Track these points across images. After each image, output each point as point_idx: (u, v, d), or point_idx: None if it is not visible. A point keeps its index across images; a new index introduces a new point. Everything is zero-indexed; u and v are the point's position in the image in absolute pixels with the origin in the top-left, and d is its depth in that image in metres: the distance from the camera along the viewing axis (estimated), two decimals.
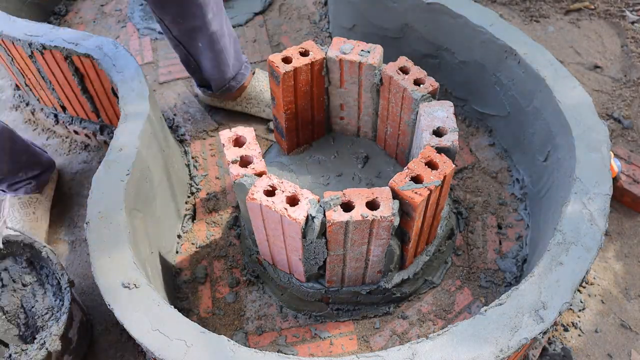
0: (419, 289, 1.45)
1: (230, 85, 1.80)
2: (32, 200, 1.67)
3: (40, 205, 1.69)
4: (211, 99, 1.90)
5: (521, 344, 1.02)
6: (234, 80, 1.80)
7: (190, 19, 1.57)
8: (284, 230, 1.19)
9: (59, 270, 1.32)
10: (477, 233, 1.56)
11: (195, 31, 1.61)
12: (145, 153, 1.38)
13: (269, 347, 1.37)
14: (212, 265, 1.54)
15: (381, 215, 1.12)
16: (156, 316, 1.07)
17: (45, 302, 1.34)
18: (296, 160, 1.63)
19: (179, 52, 1.72)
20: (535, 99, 1.50)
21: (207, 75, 1.77)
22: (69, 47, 1.58)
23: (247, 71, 1.83)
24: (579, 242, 1.14)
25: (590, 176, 1.24)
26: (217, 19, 1.63)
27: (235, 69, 1.78)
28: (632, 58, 2.03)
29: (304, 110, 1.54)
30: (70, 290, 1.28)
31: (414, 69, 1.39)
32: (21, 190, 1.66)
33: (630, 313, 1.44)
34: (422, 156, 1.21)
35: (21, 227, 1.62)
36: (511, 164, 1.71)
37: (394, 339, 1.38)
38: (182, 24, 1.59)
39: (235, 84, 1.81)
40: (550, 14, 2.24)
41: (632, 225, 1.62)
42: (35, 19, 2.23)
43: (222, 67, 1.73)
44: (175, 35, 1.65)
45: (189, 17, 1.57)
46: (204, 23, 1.59)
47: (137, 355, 1.42)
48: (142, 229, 1.32)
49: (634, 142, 1.80)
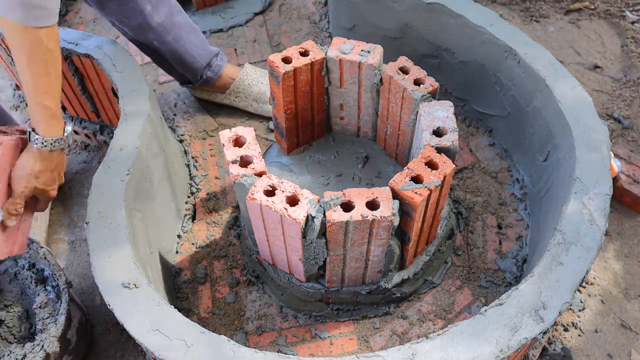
0: (419, 289, 1.45)
1: (207, 76, 1.81)
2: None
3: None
4: (200, 92, 1.92)
5: (521, 344, 1.02)
6: (209, 71, 1.81)
7: (132, 16, 1.59)
8: (284, 230, 1.19)
9: (56, 271, 1.32)
10: (477, 233, 1.56)
11: (142, 28, 1.63)
12: (145, 153, 1.38)
13: (269, 347, 1.37)
14: (212, 265, 1.54)
15: (381, 215, 1.12)
16: (156, 316, 1.07)
17: (44, 303, 1.34)
18: (296, 160, 1.63)
19: (145, 52, 1.74)
20: (535, 99, 1.50)
21: (177, 69, 1.80)
22: (69, 47, 1.58)
23: (222, 62, 1.84)
24: (579, 242, 1.14)
25: (590, 176, 1.24)
26: (159, 10, 1.64)
27: (204, 58, 1.79)
28: (632, 58, 2.03)
29: (304, 110, 1.54)
30: (69, 291, 1.28)
31: (414, 69, 1.39)
32: None
33: (630, 313, 1.44)
34: (422, 156, 1.21)
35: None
36: (511, 164, 1.71)
37: (394, 339, 1.38)
38: (127, 22, 1.61)
39: (212, 74, 1.82)
40: (550, 14, 2.24)
41: (632, 225, 1.62)
42: None
43: (185, 58, 1.74)
44: (131, 36, 1.67)
45: (130, 14, 1.58)
46: (145, 17, 1.61)
47: (137, 355, 1.42)
48: (142, 229, 1.32)
49: (634, 142, 1.80)
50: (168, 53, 1.72)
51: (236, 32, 2.23)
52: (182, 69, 1.78)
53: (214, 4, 2.33)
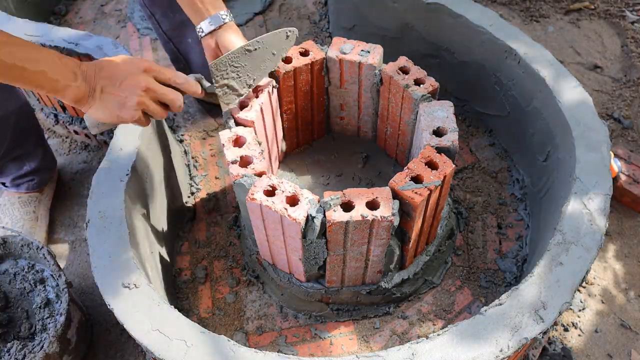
0: (419, 289, 1.45)
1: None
2: (32, 199, 1.68)
3: (41, 204, 1.69)
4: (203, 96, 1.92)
5: (521, 344, 1.02)
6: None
7: (180, 11, 1.60)
8: (284, 230, 1.19)
9: (56, 271, 1.32)
10: (477, 233, 1.56)
11: (184, 25, 1.64)
12: (145, 153, 1.39)
13: (269, 347, 1.37)
14: (212, 265, 1.54)
15: (381, 215, 1.12)
16: (156, 316, 1.07)
17: (44, 303, 1.34)
18: (296, 160, 1.63)
19: (169, 50, 1.75)
20: (535, 99, 1.50)
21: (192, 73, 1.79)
22: (69, 47, 1.58)
23: None
24: (579, 242, 1.14)
25: (590, 176, 1.24)
26: None
27: None
28: (632, 58, 2.03)
29: (304, 110, 1.54)
30: (69, 291, 1.28)
31: (414, 69, 1.39)
32: (23, 186, 1.66)
33: (630, 313, 1.44)
34: (422, 156, 1.21)
35: (21, 226, 1.62)
36: (511, 164, 1.71)
37: (394, 339, 1.38)
38: (172, 17, 1.62)
39: None
40: (550, 14, 2.24)
41: (632, 225, 1.62)
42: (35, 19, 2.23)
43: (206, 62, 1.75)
44: (165, 30, 1.67)
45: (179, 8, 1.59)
46: None
47: (137, 355, 1.42)
48: (142, 229, 1.32)
49: (634, 142, 1.80)
50: (195, 55, 1.73)
51: None
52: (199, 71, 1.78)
53: None
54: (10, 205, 1.65)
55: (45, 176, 1.71)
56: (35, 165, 1.64)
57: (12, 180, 1.63)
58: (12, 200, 1.66)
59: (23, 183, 1.65)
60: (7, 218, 1.64)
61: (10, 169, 1.60)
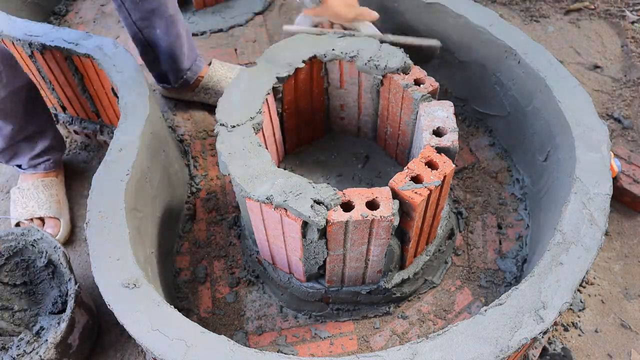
0: (419, 289, 1.45)
1: (188, 77, 1.85)
2: (53, 183, 1.70)
3: (60, 187, 1.73)
4: (169, 92, 1.95)
5: (521, 344, 1.02)
6: (190, 72, 1.85)
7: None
8: (284, 230, 1.19)
9: (67, 274, 1.31)
10: (477, 233, 1.56)
11: (153, 13, 1.65)
12: (145, 153, 1.39)
13: (269, 347, 1.37)
14: (212, 265, 1.54)
15: (381, 215, 1.12)
16: (156, 316, 1.07)
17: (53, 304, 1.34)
18: (296, 160, 1.63)
19: (137, 41, 1.76)
20: (535, 99, 1.50)
21: (164, 67, 1.82)
22: (69, 47, 1.58)
23: (201, 63, 1.89)
24: (579, 242, 1.14)
25: (590, 176, 1.24)
26: (173, 2, 1.69)
27: (190, 59, 1.83)
28: (632, 58, 2.03)
29: (304, 110, 1.55)
30: (76, 297, 1.27)
31: (414, 69, 1.39)
32: (41, 166, 1.68)
33: (630, 313, 1.44)
34: (422, 156, 1.21)
35: (48, 207, 1.64)
36: (511, 164, 1.71)
37: (394, 339, 1.38)
38: (141, 5, 1.63)
39: (192, 75, 1.86)
40: (550, 14, 2.24)
41: (632, 225, 1.62)
42: (35, 19, 2.23)
43: (178, 54, 1.77)
44: (135, 20, 1.68)
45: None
46: (161, 4, 1.64)
47: (137, 355, 1.42)
48: (142, 229, 1.32)
49: (634, 142, 1.80)
50: (165, 47, 1.74)
51: (236, 32, 2.23)
52: (169, 67, 1.81)
53: (214, 4, 2.33)
54: (35, 189, 1.66)
55: (58, 156, 1.73)
56: (48, 143, 1.66)
57: (28, 160, 1.65)
58: (36, 184, 1.67)
59: (40, 163, 1.67)
60: (33, 201, 1.65)
61: (24, 149, 1.62)
